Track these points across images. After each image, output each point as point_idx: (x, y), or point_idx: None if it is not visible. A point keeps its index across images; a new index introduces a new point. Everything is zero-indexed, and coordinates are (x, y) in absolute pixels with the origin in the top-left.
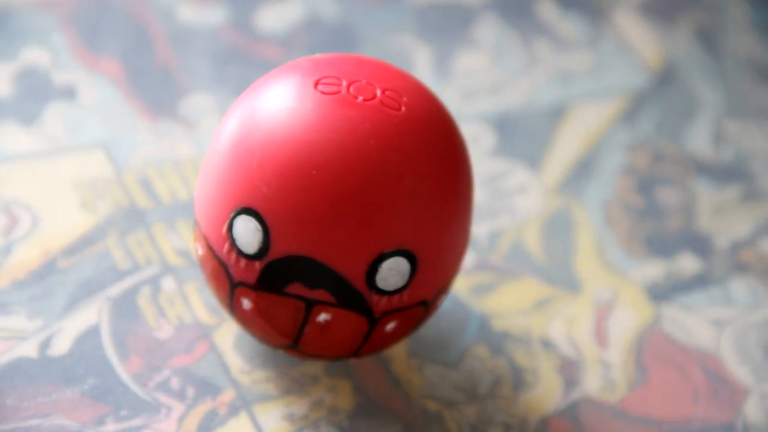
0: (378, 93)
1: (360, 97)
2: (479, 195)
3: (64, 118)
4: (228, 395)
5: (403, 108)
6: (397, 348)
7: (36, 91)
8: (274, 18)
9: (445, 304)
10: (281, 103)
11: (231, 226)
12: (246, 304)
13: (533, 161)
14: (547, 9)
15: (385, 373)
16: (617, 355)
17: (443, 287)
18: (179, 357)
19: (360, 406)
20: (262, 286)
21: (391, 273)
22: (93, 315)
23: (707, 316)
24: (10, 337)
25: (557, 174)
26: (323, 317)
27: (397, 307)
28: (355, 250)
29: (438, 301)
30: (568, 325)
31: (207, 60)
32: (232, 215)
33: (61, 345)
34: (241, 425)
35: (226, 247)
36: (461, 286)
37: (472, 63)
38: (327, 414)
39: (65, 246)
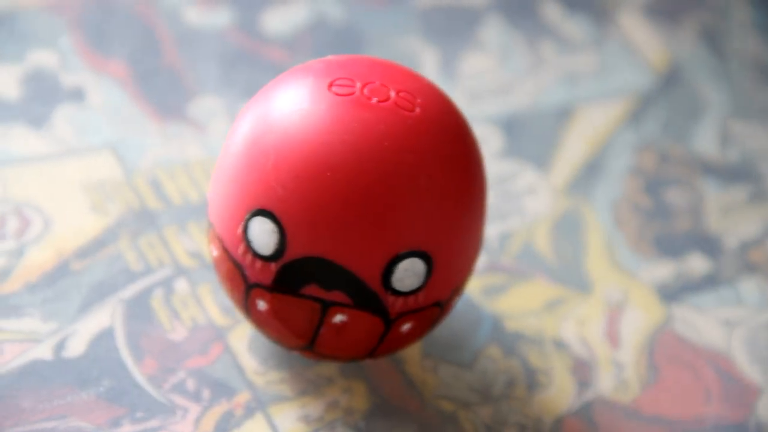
0: (392, 94)
1: (374, 99)
2: (488, 197)
3: (72, 120)
4: (243, 397)
5: (417, 109)
6: (411, 349)
7: (44, 94)
8: (279, 20)
9: (458, 305)
10: (295, 105)
11: (246, 227)
12: (261, 305)
13: (541, 162)
14: (552, 10)
15: (400, 374)
16: (629, 356)
17: (458, 288)
18: (194, 359)
19: (375, 407)
20: (277, 287)
21: (407, 274)
22: (107, 317)
23: (718, 316)
24: (24, 340)
25: (565, 175)
26: (339, 318)
27: (413, 308)
28: (371, 251)
29: (452, 302)
30: (579, 326)
31: (214, 62)
32: (247, 217)
33: (76, 347)
34: (257, 426)
35: (241, 249)
36: (473, 287)
37: (478, 65)
38: (342, 415)
39: (78, 248)
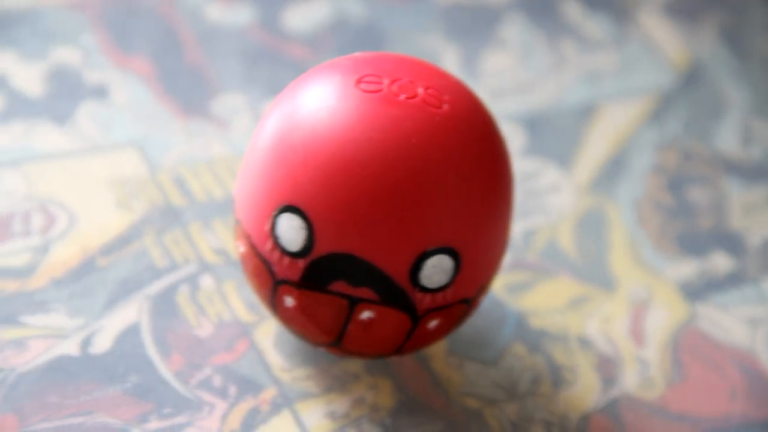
0: (420, 91)
1: (402, 95)
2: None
3: (96, 117)
4: (270, 393)
5: (445, 106)
6: (436, 346)
7: (68, 91)
8: (301, 18)
9: (482, 302)
10: (323, 102)
11: (274, 224)
12: (289, 301)
13: (564, 160)
14: (572, 9)
15: (425, 371)
16: (654, 353)
17: (485, 285)
18: (220, 355)
19: (401, 404)
20: (305, 283)
21: (435, 270)
22: (133, 313)
23: (741, 314)
24: (50, 335)
25: (588, 173)
26: (366, 315)
27: (440, 305)
28: (400, 247)
29: (479, 299)
30: (604, 324)
31: (236, 59)
32: (275, 213)
33: (102, 343)
34: (284, 423)
35: (269, 245)
36: (497, 284)
37: (499, 63)
38: (368, 412)
39: (103, 244)
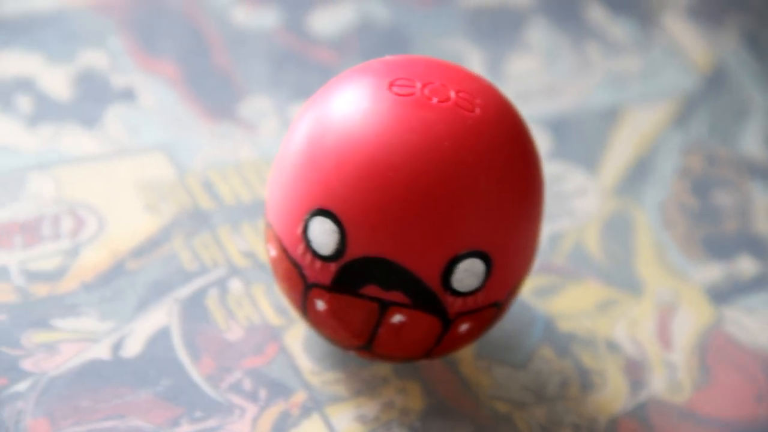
0: (452, 95)
1: (434, 99)
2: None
3: (124, 120)
4: (300, 396)
5: (477, 109)
6: (465, 350)
7: (96, 94)
8: (326, 21)
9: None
10: (356, 105)
11: (306, 227)
12: (320, 305)
13: (589, 164)
14: (596, 12)
15: (454, 375)
16: (681, 357)
17: (515, 288)
18: (250, 358)
19: (430, 407)
20: (337, 287)
21: (467, 274)
22: (163, 317)
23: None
24: (81, 339)
25: (614, 176)
26: (397, 318)
27: (471, 309)
28: (431, 251)
29: (509, 302)
30: (631, 327)
31: (262, 62)
32: (307, 217)
33: (133, 346)
34: (315, 426)
35: (300, 249)
36: (525, 288)
37: (524, 66)
38: (398, 415)
39: (132, 248)
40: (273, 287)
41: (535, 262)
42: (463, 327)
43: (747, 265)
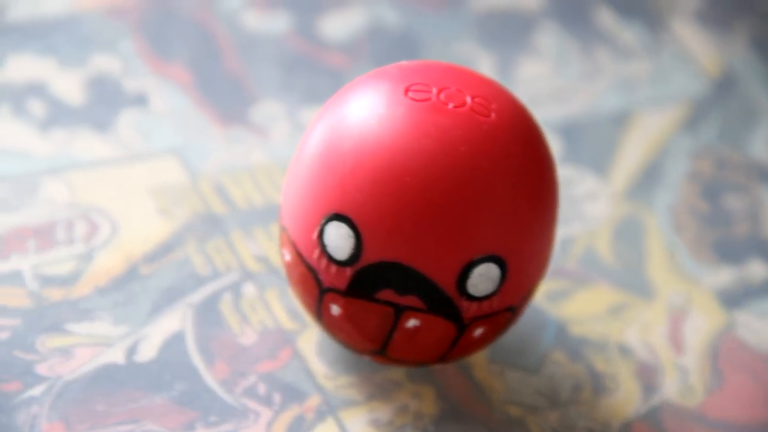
0: (468, 100)
1: (450, 104)
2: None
3: (136, 124)
4: (314, 401)
5: (493, 115)
6: (478, 354)
7: (108, 98)
8: (337, 25)
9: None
10: (372, 110)
11: (322, 232)
12: (335, 310)
13: (600, 168)
14: (606, 17)
15: (467, 379)
16: (693, 361)
17: (529, 292)
18: (264, 363)
19: (444, 411)
20: (352, 292)
21: (482, 279)
22: (176, 321)
23: None
24: (96, 344)
25: (624, 180)
26: (412, 323)
27: (486, 313)
28: (447, 256)
29: (524, 307)
30: (643, 331)
31: (273, 67)
32: (323, 221)
33: (147, 351)
34: (329, 431)
35: (316, 253)
36: (537, 292)
37: (534, 70)
38: (412, 420)
39: (146, 252)
40: (286, 291)
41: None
42: (478, 331)
43: (758, 269)
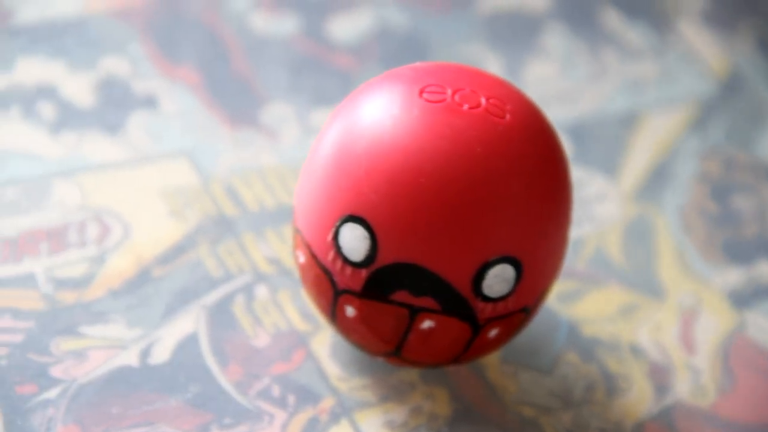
0: (482, 101)
1: (465, 105)
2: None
3: (146, 126)
4: (328, 402)
5: (508, 116)
6: (491, 355)
7: (118, 101)
8: (344, 27)
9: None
10: (387, 111)
11: (337, 233)
12: (350, 311)
13: (609, 169)
14: (612, 18)
15: (481, 380)
16: (705, 361)
17: (543, 293)
18: (278, 365)
19: (457, 412)
20: (367, 293)
21: (497, 280)
22: (190, 323)
23: None
24: (110, 346)
25: (633, 181)
26: (427, 324)
27: (501, 314)
28: (463, 257)
29: (538, 307)
30: (655, 331)
31: (282, 69)
32: (338, 223)
33: (161, 353)
34: None
35: (331, 255)
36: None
37: (541, 72)
38: (426, 421)
39: (158, 255)
40: (299, 293)
41: None
42: (492, 332)
43: (767, 270)
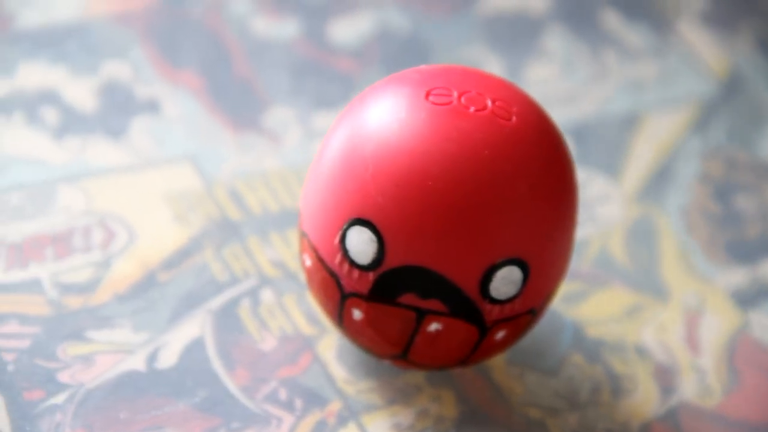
0: (489, 103)
1: (472, 108)
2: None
3: (149, 131)
4: (335, 406)
5: (514, 118)
6: (497, 357)
7: (120, 105)
8: (346, 30)
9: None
10: (394, 115)
11: (344, 237)
12: (357, 314)
13: (611, 170)
14: (612, 19)
15: (487, 382)
16: (710, 361)
17: (550, 295)
18: (285, 368)
19: (464, 415)
20: (375, 296)
21: (504, 282)
22: (196, 328)
23: None
24: (117, 351)
25: (636, 182)
26: (434, 327)
27: (508, 316)
28: (470, 259)
29: (544, 309)
30: (660, 332)
31: (283, 72)
32: (345, 226)
33: (168, 358)
34: None
35: (338, 258)
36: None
37: (542, 73)
38: (433, 423)
39: (163, 259)
40: (304, 297)
41: None
42: (499, 334)
43: None
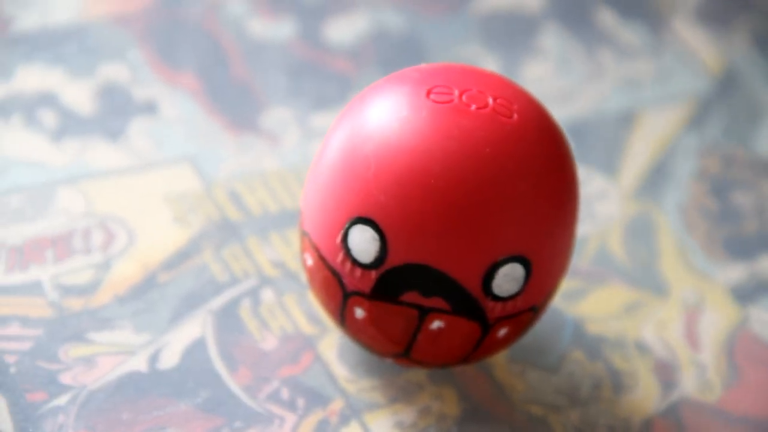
0: (490, 101)
1: (473, 106)
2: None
3: (148, 133)
4: (337, 404)
5: (515, 115)
6: (498, 354)
7: (118, 107)
8: (342, 31)
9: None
10: (395, 113)
11: (346, 235)
12: (359, 313)
13: (608, 168)
14: (608, 18)
15: (489, 379)
16: (710, 357)
17: (552, 292)
18: (286, 368)
19: (466, 412)
20: (377, 295)
21: (507, 279)
22: (197, 328)
23: None
24: (119, 352)
25: (633, 180)
26: (436, 325)
27: (510, 313)
28: (472, 257)
29: (546, 306)
30: (659, 328)
31: (280, 73)
32: (347, 225)
33: (170, 358)
34: None
35: (340, 257)
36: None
37: (538, 71)
38: (435, 421)
39: (163, 260)
40: (305, 296)
41: None
42: (502, 332)
43: None
